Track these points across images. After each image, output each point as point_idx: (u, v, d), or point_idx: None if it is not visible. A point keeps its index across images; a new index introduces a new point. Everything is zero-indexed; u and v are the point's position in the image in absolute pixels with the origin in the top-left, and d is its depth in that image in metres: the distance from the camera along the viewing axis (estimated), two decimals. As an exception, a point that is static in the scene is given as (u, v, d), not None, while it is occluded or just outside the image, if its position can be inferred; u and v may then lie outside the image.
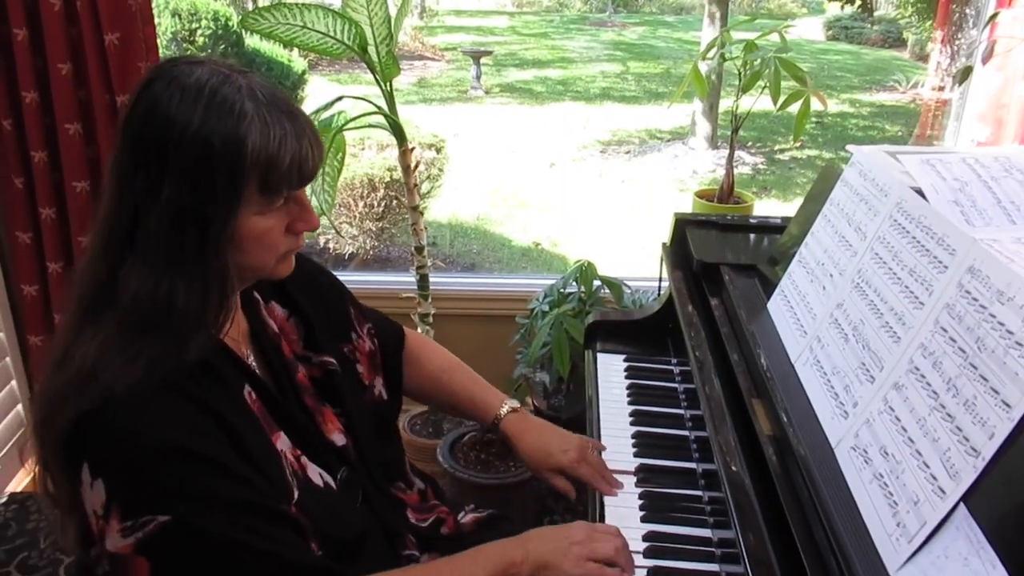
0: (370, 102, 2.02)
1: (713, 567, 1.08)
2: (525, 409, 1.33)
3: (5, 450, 2.29)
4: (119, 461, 0.83)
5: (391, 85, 2.03)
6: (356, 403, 1.15)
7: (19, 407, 2.38)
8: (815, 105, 2.02)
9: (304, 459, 1.00)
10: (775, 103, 2.00)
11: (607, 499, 1.21)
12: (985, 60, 2.09)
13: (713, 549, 1.11)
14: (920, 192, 1.10)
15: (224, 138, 0.82)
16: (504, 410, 1.29)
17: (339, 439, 1.08)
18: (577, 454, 1.23)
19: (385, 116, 2.04)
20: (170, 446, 0.82)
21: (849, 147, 1.32)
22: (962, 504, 0.75)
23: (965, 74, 2.12)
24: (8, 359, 2.35)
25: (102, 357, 0.83)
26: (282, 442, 0.98)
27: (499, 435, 1.29)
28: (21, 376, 2.37)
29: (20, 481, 2.37)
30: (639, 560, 1.10)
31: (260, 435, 0.94)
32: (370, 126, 2.08)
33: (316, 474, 1.01)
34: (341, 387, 1.12)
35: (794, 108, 2.05)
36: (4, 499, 2.28)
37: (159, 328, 0.84)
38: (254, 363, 1.03)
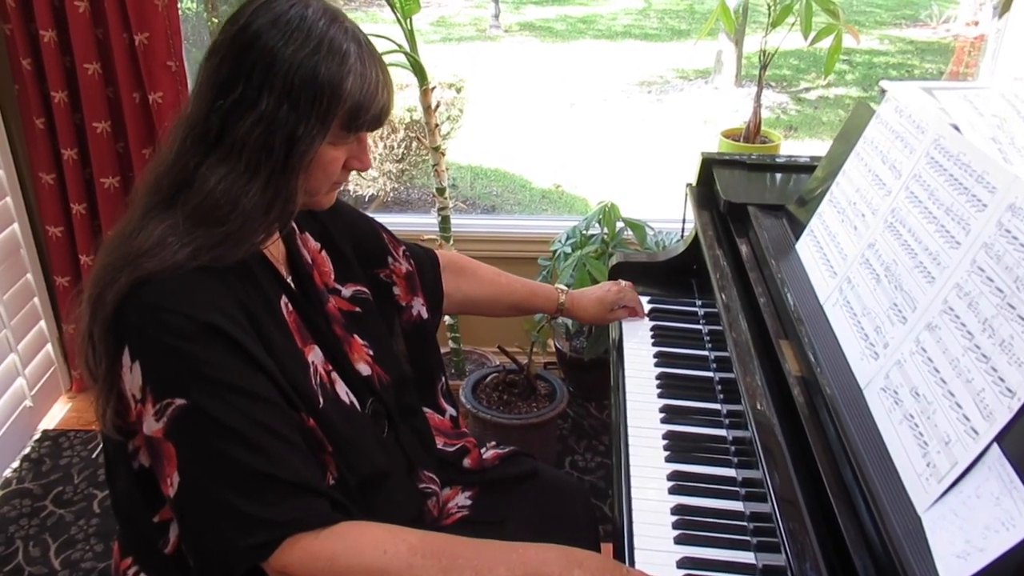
0: (391, 40, 1.98)
1: (737, 505, 1.09)
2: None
3: (37, 389, 2.34)
4: (151, 336, 0.87)
5: (411, 22, 1.99)
6: (385, 336, 1.18)
7: (48, 347, 2.42)
8: (847, 41, 1.97)
9: (335, 375, 1.03)
10: (806, 38, 1.94)
11: (631, 438, 1.21)
12: (1028, -9, 2.02)
13: (737, 488, 1.12)
14: (956, 129, 1.07)
15: (329, 71, 0.88)
16: (561, 288, 1.48)
17: (364, 369, 1.11)
18: (617, 288, 1.50)
19: (406, 55, 2.00)
20: (199, 319, 0.86)
21: (883, 83, 1.28)
22: (995, 444, 0.74)
23: (1007, 5, 2.05)
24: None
25: (162, 240, 0.89)
26: (314, 355, 1.01)
27: (563, 312, 1.48)
28: (50, 320, 2.40)
29: (54, 418, 2.42)
30: (663, 496, 1.11)
31: (291, 343, 0.98)
32: (390, 65, 2.04)
33: (344, 393, 1.03)
34: (371, 319, 1.16)
35: (824, 44, 1.99)
36: (38, 436, 2.33)
37: (217, 223, 0.90)
38: (293, 284, 1.06)
